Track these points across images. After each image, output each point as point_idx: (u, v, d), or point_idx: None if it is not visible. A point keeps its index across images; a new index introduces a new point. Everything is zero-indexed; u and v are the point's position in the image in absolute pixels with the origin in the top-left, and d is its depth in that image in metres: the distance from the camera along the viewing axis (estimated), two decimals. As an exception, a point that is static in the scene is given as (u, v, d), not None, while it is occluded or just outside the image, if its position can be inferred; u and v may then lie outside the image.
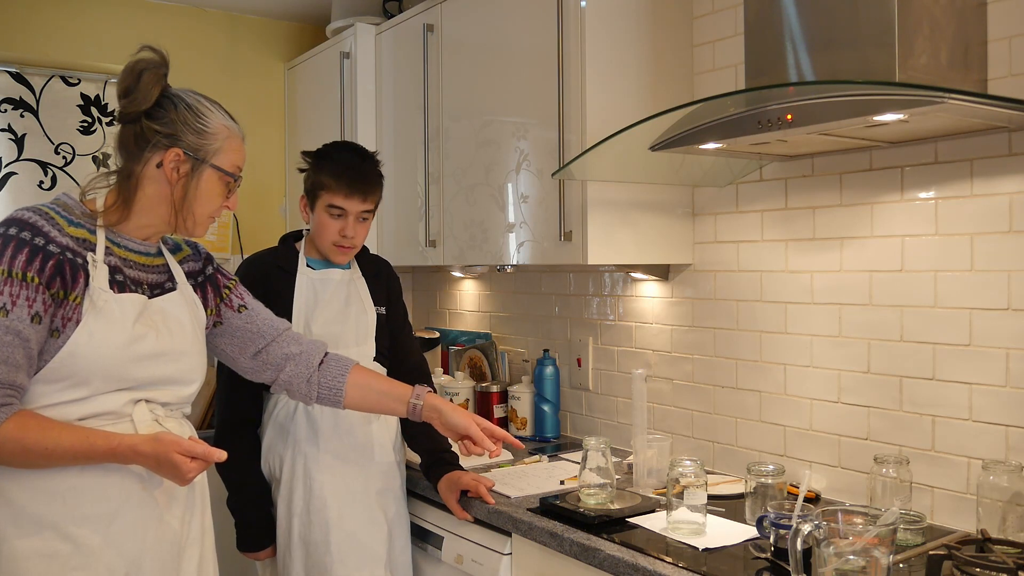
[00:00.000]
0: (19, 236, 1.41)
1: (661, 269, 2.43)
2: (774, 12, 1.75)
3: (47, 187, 3.33)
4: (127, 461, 1.46)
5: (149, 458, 1.44)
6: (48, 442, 1.40)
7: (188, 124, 1.53)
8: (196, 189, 1.55)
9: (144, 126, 1.51)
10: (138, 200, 1.53)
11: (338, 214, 2.07)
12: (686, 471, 1.78)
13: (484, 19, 2.51)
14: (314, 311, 2.10)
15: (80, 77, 3.40)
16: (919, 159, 1.85)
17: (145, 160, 1.52)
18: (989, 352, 1.74)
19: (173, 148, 1.51)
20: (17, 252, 1.39)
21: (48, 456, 1.41)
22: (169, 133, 1.51)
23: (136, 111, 1.51)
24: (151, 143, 1.51)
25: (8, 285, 1.38)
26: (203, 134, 1.54)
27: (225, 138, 1.57)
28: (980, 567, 1.42)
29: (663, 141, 1.88)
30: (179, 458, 1.43)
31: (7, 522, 1.44)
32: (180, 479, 1.46)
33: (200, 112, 1.56)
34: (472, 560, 2.04)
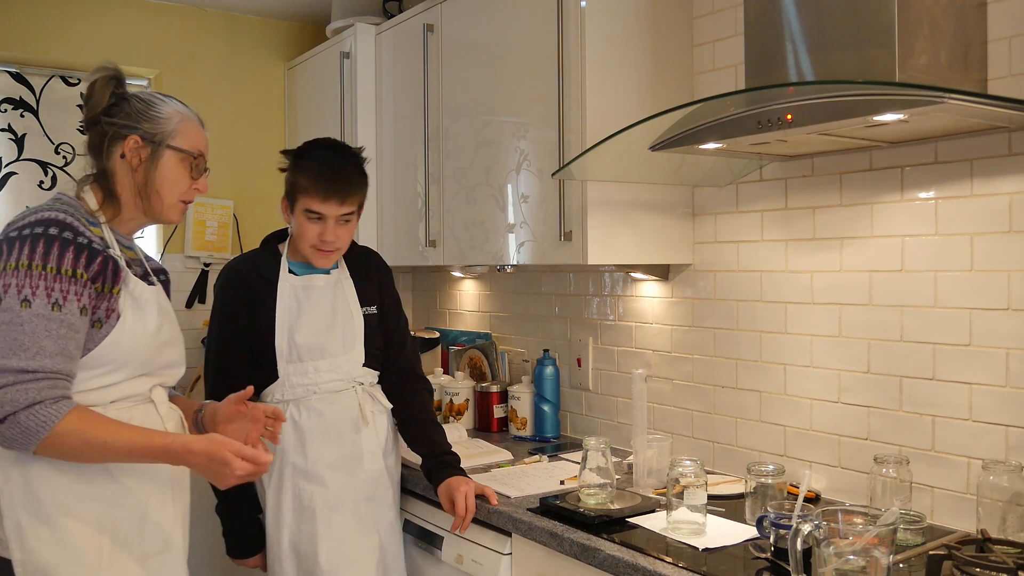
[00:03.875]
0: (62, 236, 1.48)
1: (661, 269, 2.43)
2: (774, 12, 1.75)
3: (47, 187, 3.33)
4: (179, 459, 1.52)
5: (201, 456, 1.49)
6: (108, 436, 1.46)
7: (142, 114, 1.62)
8: (157, 171, 1.63)
9: (103, 123, 1.61)
10: (119, 195, 1.63)
11: (316, 218, 2.02)
12: (686, 471, 1.78)
13: (484, 19, 2.51)
14: (297, 321, 2.05)
15: (80, 77, 3.40)
16: (919, 159, 1.85)
17: (111, 155, 1.62)
18: (989, 352, 1.74)
19: (130, 136, 1.61)
20: (64, 251, 1.47)
21: (105, 450, 1.47)
22: (125, 124, 1.61)
23: (94, 114, 1.61)
24: (112, 137, 1.61)
25: (59, 282, 1.46)
26: (156, 120, 1.63)
27: (179, 121, 1.65)
28: (980, 567, 1.42)
29: (663, 141, 1.88)
30: (231, 456, 1.49)
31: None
32: (225, 477, 1.51)
33: (151, 102, 1.65)
34: (472, 560, 2.04)
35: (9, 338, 1.42)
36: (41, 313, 1.44)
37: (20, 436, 1.41)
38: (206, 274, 3.54)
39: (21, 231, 1.48)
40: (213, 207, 3.53)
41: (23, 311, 1.43)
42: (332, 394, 2.07)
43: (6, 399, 1.40)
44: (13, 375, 1.41)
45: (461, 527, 2.01)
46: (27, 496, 1.49)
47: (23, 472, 1.49)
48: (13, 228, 1.50)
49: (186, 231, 3.49)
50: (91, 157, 1.65)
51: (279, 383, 2.05)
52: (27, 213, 1.53)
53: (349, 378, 2.10)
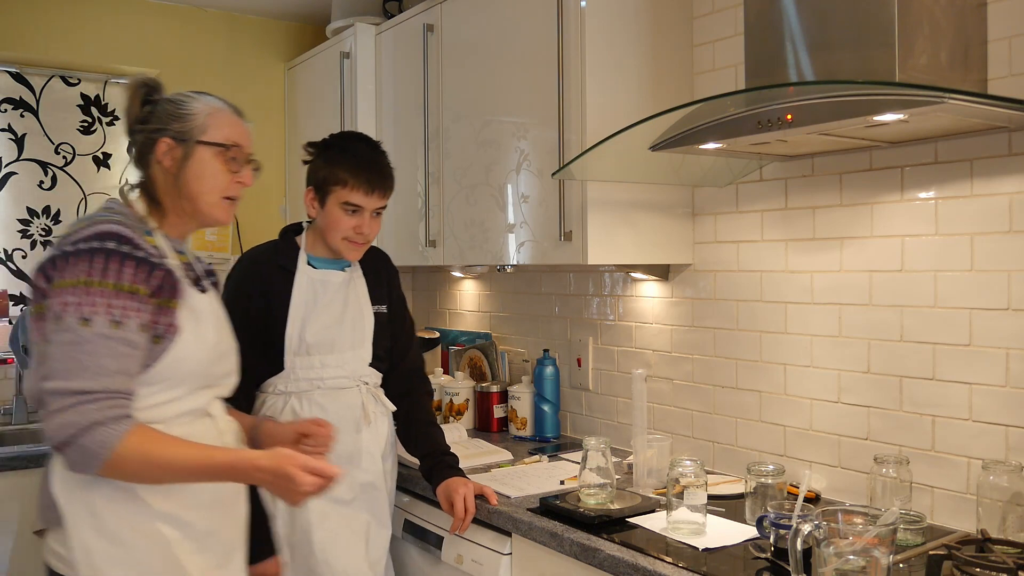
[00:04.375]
0: (120, 250, 1.44)
1: (661, 269, 2.43)
2: (774, 12, 1.75)
3: (47, 187, 3.33)
4: (244, 476, 1.49)
5: (267, 472, 1.46)
6: (170, 455, 1.43)
7: (171, 115, 1.58)
8: (192, 169, 1.58)
9: (140, 132, 1.59)
10: (162, 200, 1.59)
11: (353, 210, 2.02)
12: (686, 471, 1.78)
13: (484, 19, 2.51)
14: (311, 314, 2.05)
15: (80, 77, 3.40)
16: (919, 159, 1.85)
17: (149, 162, 1.59)
18: (989, 352, 1.74)
19: (161, 139, 1.57)
20: (122, 266, 1.43)
21: (169, 470, 1.43)
22: (157, 128, 1.58)
23: (131, 124, 1.60)
24: (146, 143, 1.58)
25: (118, 298, 1.42)
26: (185, 118, 1.59)
27: (208, 115, 1.60)
28: (980, 567, 1.42)
29: (663, 141, 1.88)
30: (296, 471, 1.44)
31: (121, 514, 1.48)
32: (294, 495, 1.47)
33: (180, 102, 1.60)
34: (472, 560, 2.04)
35: (69, 358, 1.38)
36: (101, 332, 1.39)
37: (83, 459, 1.37)
38: (206, 274, 3.54)
39: (77, 245, 1.43)
40: (213, 207, 3.53)
41: (83, 330, 1.39)
42: (336, 391, 2.07)
43: (67, 421, 1.36)
44: (73, 397, 1.37)
45: (460, 528, 2.01)
46: (93, 516, 1.45)
47: (88, 493, 1.45)
48: (69, 242, 1.44)
49: (186, 231, 3.48)
50: (135, 166, 1.62)
51: (284, 375, 2.04)
52: (82, 224, 1.47)
53: (355, 376, 2.09)
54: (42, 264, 1.45)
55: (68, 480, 1.46)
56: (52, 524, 1.48)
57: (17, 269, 3.29)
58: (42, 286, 1.44)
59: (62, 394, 1.37)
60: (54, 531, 1.48)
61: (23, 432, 3.08)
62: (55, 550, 1.48)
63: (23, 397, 3.12)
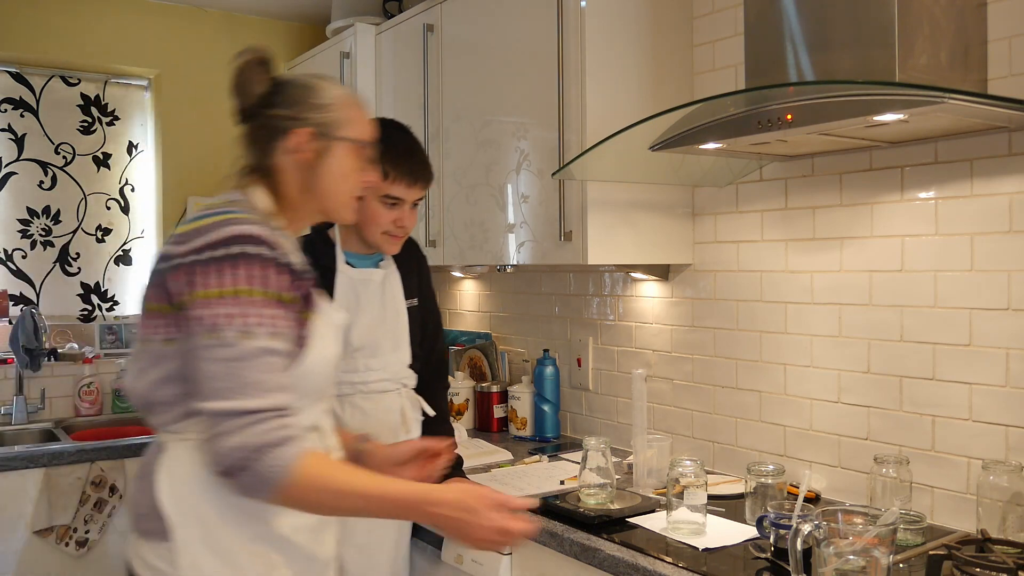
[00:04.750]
0: (261, 255, 1.30)
1: (661, 269, 2.43)
2: (774, 12, 1.75)
3: (47, 187, 3.33)
4: (416, 512, 1.35)
5: (446, 506, 1.32)
6: (344, 482, 1.30)
7: (306, 101, 1.44)
8: (330, 165, 1.45)
9: (266, 116, 1.44)
10: (287, 195, 1.46)
11: (393, 203, 1.92)
12: (686, 471, 1.78)
13: (484, 19, 2.51)
14: (355, 317, 1.96)
15: (80, 77, 3.40)
16: (919, 159, 1.85)
17: (274, 150, 1.44)
18: (989, 352, 1.74)
19: (300, 128, 1.43)
20: (266, 271, 1.30)
21: (344, 499, 1.31)
22: (291, 116, 1.43)
23: (250, 104, 1.45)
24: (278, 131, 1.43)
25: (272, 308, 1.30)
26: (324, 108, 1.45)
27: (347, 107, 1.48)
28: (980, 567, 1.41)
29: (663, 141, 1.88)
30: (478, 503, 1.31)
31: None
32: (472, 529, 1.32)
33: (312, 87, 1.46)
34: (472, 560, 2.04)
35: (233, 375, 1.25)
36: (262, 345, 1.27)
37: (256, 485, 1.25)
38: (206, 274, 3.53)
39: (215, 250, 1.29)
40: (213, 207, 3.53)
41: (245, 344, 1.26)
42: (378, 394, 2.01)
43: (238, 444, 1.23)
44: (242, 418, 1.24)
45: None
46: (207, 534, 1.35)
47: (202, 508, 1.35)
48: (205, 246, 1.30)
49: (186, 231, 3.48)
50: (251, 152, 1.47)
51: None
52: (211, 224, 1.32)
53: (396, 378, 2.04)
54: (177, 265, 1.31)
55: (180, 492, 1.35)
56: (152, 536, 1.36)
57: (17, 269, 3.29)
58: (178, 290, 1.31)
59: (230, 415, 1.24)
60: (153, 543, 1.36)
61: (23, 432, 3.09)
62: (153, 564, 1.36)
63: (23, 397, 3.13)
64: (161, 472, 1.37)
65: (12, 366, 3.12)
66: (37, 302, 3.32)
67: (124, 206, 3.50)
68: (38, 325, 3.03)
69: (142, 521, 1.38)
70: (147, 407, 1.40)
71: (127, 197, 3.50)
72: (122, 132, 3.50)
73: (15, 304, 3.26)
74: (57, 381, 3.24)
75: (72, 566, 2.69)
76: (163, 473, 1.36)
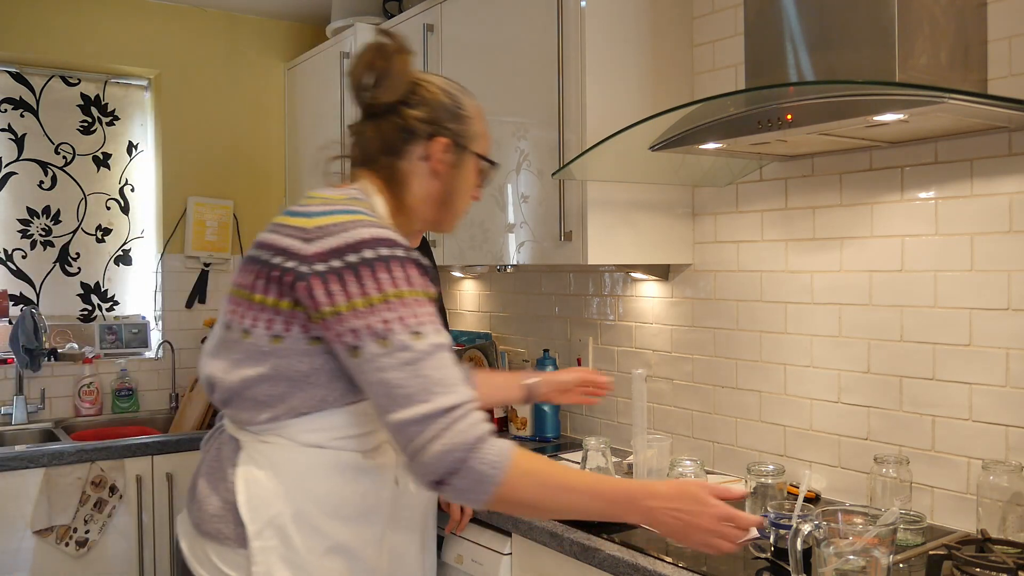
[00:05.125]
0: (400, 255, 1.25)
1: (661, 269, 2.43)
2: (774, 12, 1.75)
3: (47, 187, 3.33)
4: (635, 508, 1.27)
5: (667, 499, 1.24)
6: (561, 476, 1.24)
7: (446, 109, 1.38)
8: (461, 180, 1.41)
9: (405, 115, 1.37)
10: (409, 202, 1.40)
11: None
12: (686, 471, 1.78)
13: (484, 19, 2.51)
14: None
15: (80, 77, 3.40)
16: (919, 159, 1.85)
17: (407, 154, 1.38)
18: (989, 352, 1.74)
19: (439, 137, 1.38)
20: (409, 271, 1.25)
21: (563, 494, 1.24)
22: (431, 120, 1.37)
23: (391, 101, 1.37)
24: (415, 135, 1.38)
25: (425, 306, 1.25)
26: (462, 119, 1.40)
27: (479, 120, 1.44)
28: (980, 567, 1.41)
29: (663, 141, 1.88)
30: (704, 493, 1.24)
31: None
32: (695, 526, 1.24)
33: (455, 95, 1.41)
34: (472, 560, 2.04)
35: (419, 377, 1.19)
36: (434, 342, 1.22)
37: (474, 485, 1.17)
38: (206, 274, 3.54)
39: (354, 254, 1.22)
40: (213, 207, 3.54)
41: (418, 344, 1.20)
42: None
43: (449, 445, 1.16)
44: (444, 417, 1.17)
45: (458, 528, 2.00)
46: (285, 544, 1.30)
47: (281, 516, 1.30)
48: (340, 249, 1.23)
49: (186, 231, 3.49)
50: (374, 149, 1.39)
51: None
52: (342, 223, 1.25)
53: None
54: (313, 272, 1.23)
55: (260, 499, 1.30)
56: (224, 540, 1.31)
57: (17, 269, 3.29)
58: (319, 301, 1.22)
59: (429, 418, 1.17)
60: (224, 547, 1.31)
61: (23, 432, 3.09)
62: (221, 568, 1.31)
63: (23, 397, 3.13)
64: (239, 476, 1.31)
65: (12, 366, 3.12)
66: (37, 302, 3.32)
67: (124, 206, 3.50)
68: (38, 325, 3.03)
69: (212, 522, 1.32)
70: (230, 401, 1.33)
71: (127, 197, 3.50)
72: (122, 132, 3.50)
73: (15, 304, 3.26)
74: (57, 381, 3.24)
75: (72, 566, 2.69)
76: (242, 478, 1.31)
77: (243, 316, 1.30)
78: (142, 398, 3.40)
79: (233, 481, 1.32)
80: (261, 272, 1.29)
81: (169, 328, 3.48)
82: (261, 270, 1.29)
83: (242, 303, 1.31)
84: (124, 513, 2.78)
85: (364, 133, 1.41)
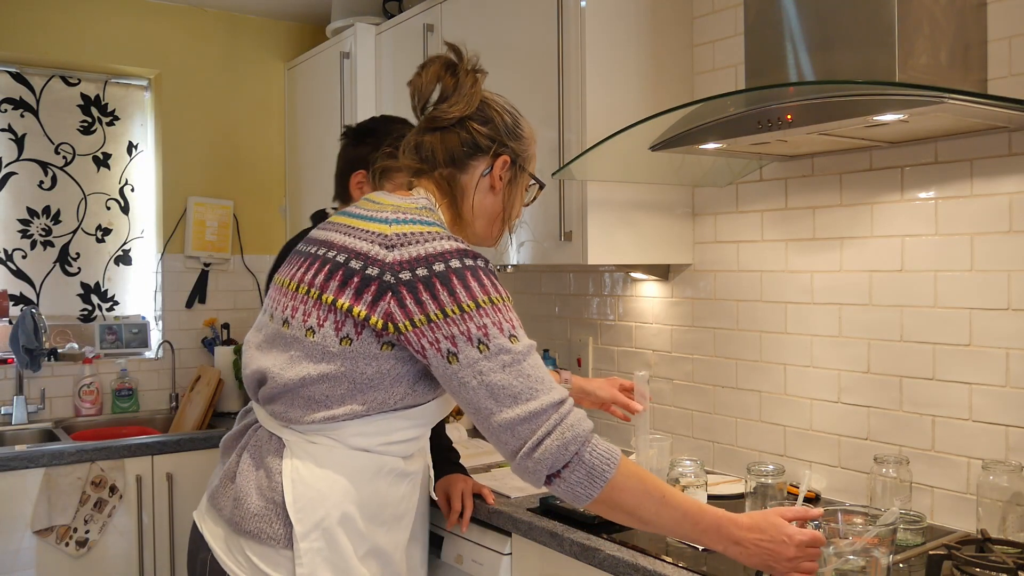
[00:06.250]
0: (489, 267, 1.30)
1: (661, 269, 2.43)
2: (774, 12, 1.75)
3: (47, 187, 3.34)
4: (720, 536, 1.28)
5: (749, 530, 1.26)
6: (663, 487, 1.26)
7: (508, 128, 1.44)
8: (514, 198, 1.46)
9: (473, 131, 1.42)
10: (465, 214, 1.44)
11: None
12: (686, 471, 1.78)
13: (484, 19, 2.51)
14: None
15: (80, 77, 3.40)
16: (919, 159, 1.85)
17: (469, 168, 1.43)
18: (989, 352, 1.74)
19: (502, 155, 1.43)
20: (491, 278, 1.29)
21: (661, 505, 1.25)
22: (495, 138, 1.43)
23: (460, 115, 1.42)
24: (480, 150, 1.42)
25: (511, 310, 1.29)
26: (521, 139, 1.46)
27: (534, 143, 1.50)
28: (980, 567, 1.41)
29: (663, 141, 1.88)
30: (782, 521, 1.26)
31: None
32: (780, 553, 1.25)
33: (516, 116, 1.47)
34: (472, 560, 2.04)
35: (522, 377, 1.23)
36: (528, 344, 1.27)
37: (587, 478, 1.20)
38: (206, 274, 3.54)
39: (439, 264, 1.25)
40: (213, 207, 3.54)
41: (516, 346, 1.24)
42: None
43: (563, 439, 1.19)
44: (552, 411, 1.20)
45: (461, 525, 2.00)
46: (331, 547, 1.31)
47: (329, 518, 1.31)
48: (425, 258, 1.25)
49: (186, 231, 3.49)
50: (438, 160, 1.43)
51: None
52: (422, 233, 1.28)
53: None
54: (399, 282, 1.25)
55: (308, 500, 1.31)
56: (267, 540, 1.31)
57: (17, 269, 3.29)
58: (407, 312, 1.25)
59: (539, 414, 1.20)
60: (266, 547, 1.31)
61: (23, 432, 3.09)
62: (262, 568, 1.31)
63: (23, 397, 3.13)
64: (287, 476, 1.31)
65: (12, 366, 3.12)
66: (37, 302, 3.32)
67: (124, 206, 3.50)
68: (38, 325, 3.03)
69: (254, 521, 1.32)
70: (280, 397, 1.33)
71: (127, 197, 3.50)
72: (122, 132, 3.50)
73: (15, 304, 3.26)
74: (57, 381, 3.24)
75: (72, 566, 2.69)
76: (289, 478, 1.31)
77: (308, 315, 1.31)
78: (142, 398, 3.40)
79: (280, 481, 1.32)
80: (335, 274, 1.30)
81: (169, 328, 3.48)
82: (335, 271, 1.30)
83: (306, 300, 1.31)
84: (124, 513, 2.78)
85: (424, 143, 1.45)
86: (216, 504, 1.39)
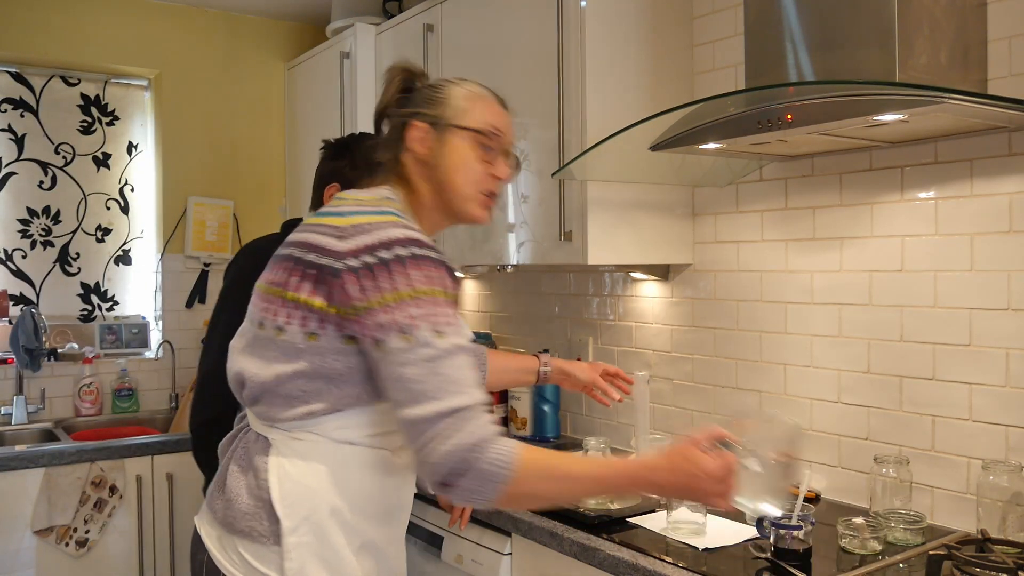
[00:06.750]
0: (431, 255, 1.28)
1: (661, 269, 2.43)
2: (774, 12, 1.75)
3: (47, 187, 3.33)
4: (640, 481, 1.29)
5: (665, 470, 1.26)
6: (567, 467, 1.27)
7: (428, 99, 1.45)
8: (447, 157, 1.43)
9: (394, 115, 1.47)
10: (417, 191, 1.45)
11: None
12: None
13: (484, 19, 2.51)
14: None
15: (80, 77, 3.40)
16: (919, 159, 1.85)
17: (400, 146, 1.45)
18: (989, 352, 1.74)
19: (417, 122, 1.43)
20: (439, 271, 1.28)
21: (572, 482, 1.27)
22: (411, 112, 1.44)
23: (382, 108, 1.48)
24: (398, 127, 1.46)
25: (450, 306, 1.28)
26: (440, 102, 1.44)
27: (466, 99, 1.46)
28: (980, 567, 1.41)
29: (663, 141, 1.88)
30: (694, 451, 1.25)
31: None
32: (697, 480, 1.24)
33: (439, 86, 1.47)
34: (472, 560, 2.04)
35: (436, 375, 1.21)
36: (455, 343, 1.24)
37: (481, 485, 1.19)
38: (206, 274, 3.54)
39: (387, 251, 1.25)
40: (213, 207, 3.54)
41: (440, 342, 1.22)
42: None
43: (458, 445, 1.18)
44: (453, 417, 1.20)
45: (460, 523, 2.00)
46: (321, 542, 1.32)
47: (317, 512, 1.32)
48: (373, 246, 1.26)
49: (186, 231, 3.49)
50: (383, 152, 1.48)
51: None
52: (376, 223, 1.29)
53: None
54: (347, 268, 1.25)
55: (295, 496, 1.32)
56: (257, 537, 1.32)
57: (17, 269, 3.29)
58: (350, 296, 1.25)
59: (440, 417, 1.20)
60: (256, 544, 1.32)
61: (23, 432, 3.09)
62: (254, 565, 1.32)
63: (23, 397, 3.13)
64: (272, 473, 1.32)
65: (12, 366, 3.12)
66: (37, 302, 3.32)
67: (124, 206, 3.50)
68: (38, 325, 3.03)
69: (245, 519, 1.33)
70: (261, 397, 1.34)
71: (127, 197, 3.50)
72: (122, 132, 3.50)
73: (15, 304, 3.26)
74: (57, 381, 3.24)
75: (72, 566, 2.69)
76: (275, 474, 1.32)
77: (276, 313, 1.32)
78: (142, 398, 3.40)
79: (266, 478, 1.32)
80: (295, 269, 1.31)
81: (169, 328, 3.48)
82: (295, 267, 1.31)
83: (275, 300, 1.33)
84: (124, 513, 2.78)
85: (381, 143, 1.49)
86: (211, 506, 1.41)
